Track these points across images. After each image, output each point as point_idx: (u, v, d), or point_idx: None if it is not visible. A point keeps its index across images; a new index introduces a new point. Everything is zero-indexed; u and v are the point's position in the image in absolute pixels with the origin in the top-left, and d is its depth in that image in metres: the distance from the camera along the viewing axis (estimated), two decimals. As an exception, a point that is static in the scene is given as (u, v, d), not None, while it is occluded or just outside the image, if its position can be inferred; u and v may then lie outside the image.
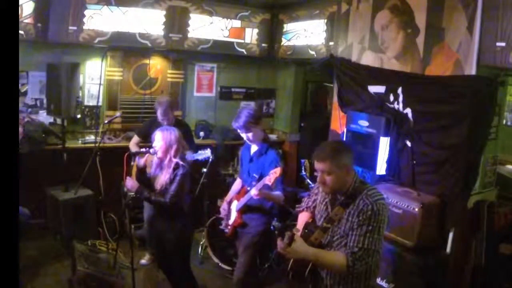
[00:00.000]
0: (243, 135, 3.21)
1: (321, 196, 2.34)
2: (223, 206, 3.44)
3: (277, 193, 3.10)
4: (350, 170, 2.16)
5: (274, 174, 2.83)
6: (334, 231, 2.14)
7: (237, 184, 3.55)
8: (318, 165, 2.14)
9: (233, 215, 3.36)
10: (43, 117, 4.75)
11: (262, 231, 3.25)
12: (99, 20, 4.58)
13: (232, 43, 5.46)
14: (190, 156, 3.82)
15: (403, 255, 3.06)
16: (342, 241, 2.10)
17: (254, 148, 3.26)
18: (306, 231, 2.26)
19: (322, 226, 2.18)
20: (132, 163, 3.64)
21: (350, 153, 2.18)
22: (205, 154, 4.06)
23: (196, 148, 4.25)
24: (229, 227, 3.41)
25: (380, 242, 2.08)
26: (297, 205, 2.85)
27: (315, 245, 2.15)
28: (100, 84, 4.93)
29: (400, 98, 3.49)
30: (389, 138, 3.60)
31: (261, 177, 3.06)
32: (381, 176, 3.64)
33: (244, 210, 3.24)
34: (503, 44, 2.75)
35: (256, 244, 3.25)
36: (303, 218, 2.45)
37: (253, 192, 2.98)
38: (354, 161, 2.21)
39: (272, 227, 4.06)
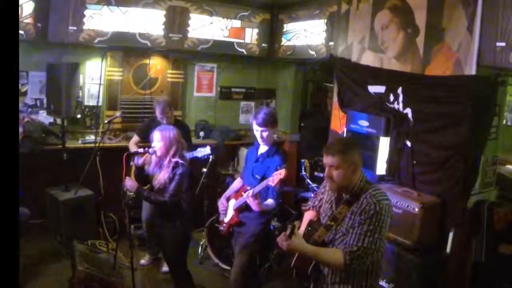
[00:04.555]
0: (257, 134, 3.15)
1: (327, 195, 2.35)
2: (221, 201, 3.43)
3: (269, 201, 3.09)
4: (358, 169, 2.16)
5: (278, 175, 2.80)
6: (337, 229, 2.15)
7: (237, 183, 3.55)
8: (327, 159, 2.15)
9: (230, 213, 3.36)
10: (43, 117, 4.74)
11: (259, 232, 3.22)
12: (99, 20, 4.58)
13: (232, 43, 5.46)
14: (188, 154, 3.82)
15: (403, 255, 3.06)
16: (344, 239, 2.11)
17: (262, 149, 3.24)
18: (309, 228, 2.27)
19: (325, 224, 2.19)
20: (131, 163, 3.64)
21: (360, 152, 2.20)
22: (205, 151, 4.05)
23: (194, 148, 4.24)
24: (224, 225, 3.40)
25: (381, 242, 2.07)
26: (303, 204, 2.84)
27: (318, 243, 2.16)
28: (100, 84, 4.93)
29: (400, 98, 3.49)
30: (389, 138, 3.60)
31: (263, 178, 3.05)
32: (381, 176, 3.64)
33: (241, 209, 3.23)
34: (503, 44, 2.75)
35: (253, 245, 3.23)
36: (308, 217, 2.46)
37: (249, 199, 2.97)
38: (362, 161, 2.21)
39: (272, 227, 4.07)
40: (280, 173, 2.80)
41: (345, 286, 2.16)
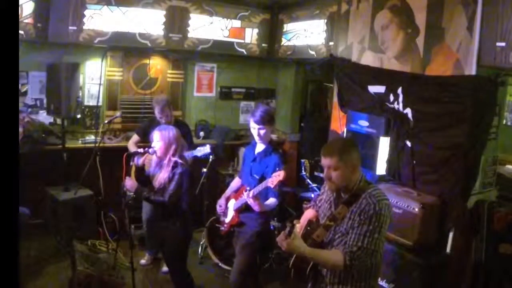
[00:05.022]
0: (254, 132, 3.16)
1: (326, 195, 2.34)
2: (220, 201, 3.44)
3: (271, 200, 3.09)
4: (357, 169, 2.16)
5: (277, 177, 2.81)
6: (336, 229, 2.15)
7: (235, 182, 3.55)
8: (325, 160, 2.14)
9: (230, 213, 3.36)
10: (43, 117, 4.75)
11: (259, 231, 3.23)
12: (99, 20, 4.58)
13: (232, 43, 5.46)
14: (189, 153, 3.82)
15: (403, 255, 3.06)
16: (343, 239, 2.10)
17: (259, 148, 3.25)
18: (308, 228, 2.27)
19: (324, 224, 2.18)
20: (131, 163, 3.64)
21: (358, 152, 2.19)
22: (204, 150, 4.04)
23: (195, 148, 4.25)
24: (225, 225, 3.41)
25: (381, 242, 2.07)
26: (305, 202, 2.84)
27: (317, 242, 2.15)
28: (100, 84, 4.93)
29: (400, 98, 3.49)
30: (389, 138, 3.60)
31: (261, 178, 3.06)
32: (381, 176, 3.64)
33: (242, 209, 3.24)
34: (503, 44, 2.74)
35: (253, 245, 3.24)
36: (308, 214, 2.45)
37: (249, 200, 2.98)
38: (361, 161, 2.20)
39: (272, 227, 4.07)
40: (279, 175, 2.81)
41: (343, 287, 2.15)
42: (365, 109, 3.84)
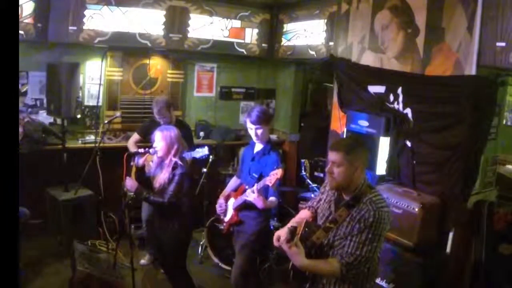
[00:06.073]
0: (252, 132, 3.18)
1: (326, 195, 2.34)
2: (220, 202, 3.45)
3: (272, 199, 3.09)
4: (361, 170, 2.15)
5: (275, 175, 2.82)
6: (335, 232, 2.14)
7: (234, 181, 3.55)
8: (331, 155, 2.15)
9: (230, 212, 3.36)
10: (43, 117, 4.74)
11: (259, 230, 3.24)
12: (99, 20, 4.58)
13: (232, 43, 5.46)
14: (187, 154, 3.82)
15: (403, 255, 3.06)
16: (341, 242, 2.10)
17: (257, 147, 3.26)
18: (306, 229, 2.26)
19: (325, 226, 2.18)
20: (131, 163, 3.64)
21: (366, 155, 2.19)
22: (203, 152, 4.04)
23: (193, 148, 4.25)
24: (224, 224, 3.41)
25: (379, 248, 2.09)
26: (301, 202, 2.85)
27: (317, 244, 2.15)
28: (100, 84, 4.93)
29: (400, 98, 3.49)
30: (389, 138, 3.60)
31: (260, 177, 3.06)
32: (381, 176, 3.64)
33: (241, 208, 3.24)
34: (503, 44, 2.74)
35: (253, 244, 3.24)
36: (302, 215, 2.45)
37: (251, 196, 2.97)
38: (367, 164, 2.21)
39: (272, 227, 4.07)
40: (277, 173, 2.82)
41: (341, 287, 2.16)
42: (365, 109, 3.84)
